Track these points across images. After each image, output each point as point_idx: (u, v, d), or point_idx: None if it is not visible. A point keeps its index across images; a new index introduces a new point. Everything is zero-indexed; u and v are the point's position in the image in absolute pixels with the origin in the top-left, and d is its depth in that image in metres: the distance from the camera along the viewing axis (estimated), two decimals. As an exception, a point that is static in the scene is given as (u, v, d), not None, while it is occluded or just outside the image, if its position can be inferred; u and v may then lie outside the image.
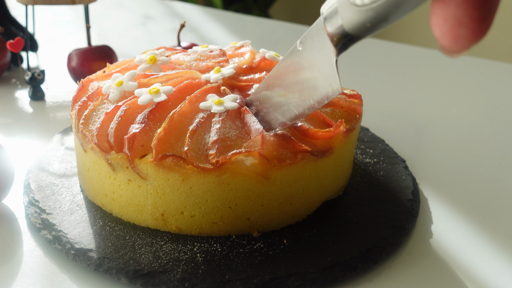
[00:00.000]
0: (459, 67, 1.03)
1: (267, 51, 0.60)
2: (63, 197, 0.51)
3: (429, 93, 0.88)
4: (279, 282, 0.42)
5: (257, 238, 0.47)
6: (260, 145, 0.44)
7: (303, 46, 0.42)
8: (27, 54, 0.82)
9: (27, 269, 0.44)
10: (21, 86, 0.81)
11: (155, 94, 0.48)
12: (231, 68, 0.54)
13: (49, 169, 0.55)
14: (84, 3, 0.80)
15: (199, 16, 1.30)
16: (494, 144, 0.71)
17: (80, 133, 0.48)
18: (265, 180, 0.45)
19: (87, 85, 0.55)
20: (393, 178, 0.57)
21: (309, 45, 0.41)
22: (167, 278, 0.41)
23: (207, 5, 2.10)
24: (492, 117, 0.80)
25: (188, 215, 0.46)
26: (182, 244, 0.45)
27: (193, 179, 0.44)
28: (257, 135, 0.45)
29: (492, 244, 0.50)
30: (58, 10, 1.24)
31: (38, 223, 0.47)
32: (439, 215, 0.54)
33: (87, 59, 0.76)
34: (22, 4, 0.79)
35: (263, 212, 0.47)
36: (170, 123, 0.46)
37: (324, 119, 0.50)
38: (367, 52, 1.10)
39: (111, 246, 0.44)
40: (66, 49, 0.86)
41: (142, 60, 0.56)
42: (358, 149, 0.62)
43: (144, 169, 0.45)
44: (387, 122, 0.75)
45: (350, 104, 0.53)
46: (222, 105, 0.48)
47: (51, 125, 0.70)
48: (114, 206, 0.49)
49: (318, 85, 0.41)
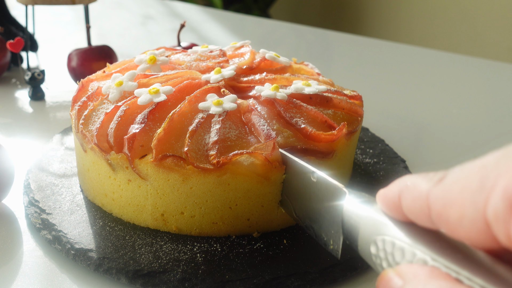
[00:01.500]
0: (459, 67, 1.03)
1: (267, 51, 0.60)
2: (63, 197, 0.51)
3: (429, 93, 0.88)
4: (279, 282, 0.42)
5: (257, 238, 0.47)
6: (270, 151, 0.44)
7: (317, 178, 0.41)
8: (27, 54, 0.82)
9: (27, 269, 0.44)
10: (21, 86, 0.81)
11: (155, 94, 0.48)
12: (232, 69, 0.54)
13: (49, 169, 0.55)
14: (84, 3, 0.80)
15: (199, 16, 1.30)
16: (494, 144, 0.71)
17: (80, 133, 0.48)
18: (265, 180, 0.45)
19: (87, 85, 0.55)
20: (393, 178, 0.56)
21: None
22: (167, 278, 0.41)
23: (207, 5, 2.10)
24: (492, 117, 0.80)
25: (188, 215, 0.46)
26: (182, 244, 0.45)
27: (193, 179, 0.44)
28: (269, 140, 0.45)
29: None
30: (58, 10, 1.24)
31: (38, 223, 0.47)
32: (439, 215, 0.54)
33: (87, 59, 0.76)
34: (22, 4, 0.79)
35: (263, 213, 0.47)
36: (170, 123, 0.46)
37: (327, 121, 0.50)
38: (367, 52, 1.10)
39: (111, 246, 0.44)
40: (66, 49, 0.86)
41: (142, 60, 0.56)
42: (358, 149, 0.62)
43: (144, 169, 0.45)
44: (387, 122, 0.75)
45: (351, 105, 0.53)
46: (221, 106, 0.48)
47: (51, 125, 0.70)
48: (114, 206, 0.49)
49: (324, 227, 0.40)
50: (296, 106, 0.50)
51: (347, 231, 0.34)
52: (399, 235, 0.28)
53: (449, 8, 2.01)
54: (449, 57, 1.09)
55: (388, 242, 0.29)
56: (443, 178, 0.24)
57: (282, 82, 0.55)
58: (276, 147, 0.44)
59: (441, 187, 0.24)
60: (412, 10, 2.11)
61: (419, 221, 0.26)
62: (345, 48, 1.15)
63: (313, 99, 0.52)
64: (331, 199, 0.38)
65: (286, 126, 0.48)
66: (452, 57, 1.08)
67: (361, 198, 0.33)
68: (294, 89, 0.52)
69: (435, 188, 0.24)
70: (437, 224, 0.24)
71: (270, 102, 0.50)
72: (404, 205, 0.27)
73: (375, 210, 0.31)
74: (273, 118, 0.48)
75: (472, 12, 1.95)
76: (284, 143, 0.46)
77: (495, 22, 1.89)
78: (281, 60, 0.59)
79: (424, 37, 2.09)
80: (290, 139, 0.47)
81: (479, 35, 1.95)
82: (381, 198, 0.29)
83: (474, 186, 0.22)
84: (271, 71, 0.58)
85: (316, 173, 0.41)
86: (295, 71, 0.60)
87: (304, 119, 0.49)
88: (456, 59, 1.07)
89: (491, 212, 0.21)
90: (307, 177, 0.42)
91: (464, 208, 0.22)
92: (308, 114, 0.50)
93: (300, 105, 0.50)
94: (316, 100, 0.52)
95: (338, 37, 1.21)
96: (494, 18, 1.89)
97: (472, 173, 0.22)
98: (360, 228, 0.32)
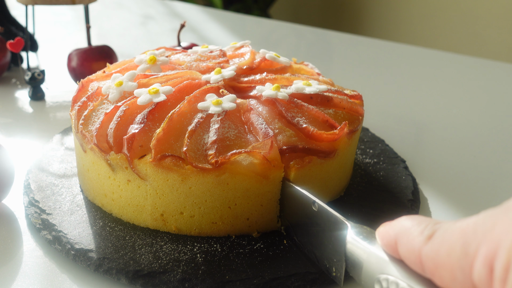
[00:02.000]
0: (459, 67, 1.03)
1: (267, 52, 0.60)
2: (63, 198, 0.51)
3: (429, 93, 0.88)
4: (279, 282, 0.42)
5: (257, 239, 0.47)
6: (268, 149, 0.44)
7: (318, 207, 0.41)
8: (27, 54, 0.82)
9: (27, 269, 0.44)
10: (21, 86, 0.81)
11: (155, 95, 0.48)
12: (232, 69, 0.54)
13: (49, 169, 0.55)
14: (84, 3, 0.80)
15: (199, 16, 1.30)
16: (494, 144, 0.71)
17: (80, 134, 0.48)
18: (264, 180, 0.45)
19: (87, 85, 0.55)
20: (393, 178, 0.57)
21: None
22: (167, 279, 0.41)
23: (207, 5, 2.10)
24: (492, 117, 0.80)
25: (187, 215, 0.46)
26: (182, 244, 0.45)
27: (192, 179, 0.44)
28: (267, 139, 0.45)
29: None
30: (58, 10, 1.24)
31: (38, 223, 0.47)
32: (439, 215, 0.54)
33: (87, 59, 0.76)
34: (22, 4, 0.79)
35: (263, 212, 0.47)
36: (169, 123, 0.46)
37: (328, 120, 0.50)
38: (367, 52, 1.10)
39: (111, 247, 0.44)
40: (66, 49, 0.86)
41: (142, 60, 0.56)
42: (358, 149, 0.62)
43: (143, 170, 0.45)
44: (387, 122, 0.75)
45: (352, 105, 0.53)
46: (220, 106, 0.48)
47: (51, 125, 0.70)
48: (114, 207, 0.49)
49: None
50: (297, 105, 0.50)
51: (350, 264, 0.34)
52: (402, 276, 0.29)
53: (449, 8, 2.01)
54: (449, 57, 1.09)
55: (392, 282, 0.29)
56: (432, 235, 0.26)
57: (282, 82, 0.55)
58: (274, 145, 0.44)
59: (431, 246, 0.26)
60: (412, 10, 2.11)
61: (415, 269, 0.28)
62: (345, 48, 1.15)
63: (314, 98, 0.52)
64: (333, 230, 0.38)
65: (287, 126, 0.48)
66: (452, 57, 1.08)
67: (363, 234, 0.34)
68: (295, 89, 0.52)
69: (425, 246, 0.26)
70: (431, 278, 0.27)
71: (271, 102, 0.50)
72: (401, 252, 0.28)
73: (378, 247, 0.31)
74: (274, 117, 0.48)
75: (472, 12, 1.95)
76: (286, 142, 0.46)
77: (495, 22, 1.89)
78: (281, 60, 0.59)
79: (424, 37, 2.09)
80: (292, 138, 0.47)
81: (479, 35, 1.95)
82: (380, 237, 0.31)
83: (459, 252, 0.24)
84: (272, 71, 0.58)
85: (317, 203, 0.41)
86: (295, 71, 0.60)
87: (306, 119, 0.49)
88: (456, 59, 1.07)
89: (476, 277, 0.24)
90: (308, 206, 0.42)
91: (453, 271, 0.25)
92: (309, 113, 0.50)
93: (301, 104, 0.50)
94: (317, 100, 0.52)
95: (338, 37, 1.21)
96: (494, 18, 1.89)
97: (456, 238, 0.25)
98: (364, 264, 0.32)
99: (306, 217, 0.43)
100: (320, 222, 0.40)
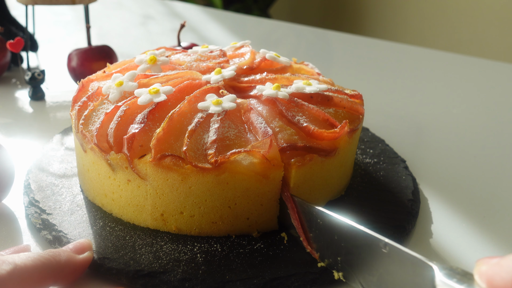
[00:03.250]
0: (459, 67, 1.03)
1: (267, 51, 0.60)
2: (63, 198, 0.51)
3: (429, 93, 0.88)
4: (279, 282, 0.42)
5: (257, 239, 0.47)
6: (267, 148, 0.44)
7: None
8: (27, 54, 0.82)
9: (27, 269, 0.44)
10: (21, 86, 0.81)
11: (155, 94, 0.48)
12: (232, 69, 0.54)
13: (49, 169, 0.55)
14: (84, 3, 0.80)
15: (199, 16, 1.30)
16: (494, 144, 0.71)
17: (80, 134, 0.48)
18: (264, 179, 0.45)
19: (87, 85, 0.55)
20: (393, 178, 0.57)
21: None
22: (167, 279, 0.41)
23: (207, 5, 2.10)
24: (492, 117, 0.80)
25: (187, 215, 0.46)
26: (182, 244, 0.45)
27: (192, 179, 0.44)
28: (266, 138, 0.45)
29: (492, 244, 0.50)
30: (58, 10, 1.24)
31: (38, 223, 0.47)
32: (439, 215, 0.54)
33: (87, 59, 0.76)
34: (22, 4, 0.79)
35: (263, 212, 0.47)
36: (169, 123, 0.46)
37: (328, 119, 0.50)
38: (367, 52, 1.10)
39: (111, 247, 0.44)
40: (66, 49, 0.86)
41: (142, 60, 0.56)
42: (358, 149, 0.62)
43: (143, 169, 0.45)
44: (387, 122, 0.75)
45: (352, 104, 0.53)
46: (220, 106, 0.48)
47: (51, 125, 0.70)
48: (114, 207, 0.49)
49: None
50: (298, 105, 0.50)
51: None
52: None
53: (449, 8, 2.01)
54: (449, 57, 1.09)
55: None
56: None
57: (282, 82, 0.55)
58: (273, 144, 0.44)
59: None
60: (412, 10, 2.11)
61: None
62: (345, 48, 1.15)
63: (314, 98, 0.52)
64: (412, 274, 0.33)
65: (288, 125, 0.48)
66: (452, 57, 1.08)
67: (456, 276, 0.30)
68: (295, 89, 0.52)
69: None
70: None
71: (271, 101, 0.50)
72: None
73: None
74: (275, 117, 0.48)
75: (472, 12, 1.95)
76: (286, 140, 0.46)
77: (495, 22, 1.89)
78: (281, 60, 0.59)
79: (424, 37, 2.09)
80: (293, 137, 0.47)
81: (479, 35, 1.95)
82: (486, 280, 0.26)
83: None
84: (272, 71, 0.58)
85: (389, 244, 0.36)
86: (295, 71, 0.60)
87: (306, 118, 0.49)
88: (456, 59, 1.07)
89: None
90: (377, 247, 0.37)
91: None
92: (309, 112, 0.50)
93: (301, 104, 0.50)
94: (317, 99, 0.52)
95: (338, 37, 1.21)
96: (494, 18, 1.89)
97: None
98: None
99: (373, 260, 0.37)
100: (392, 265, 0.35)
